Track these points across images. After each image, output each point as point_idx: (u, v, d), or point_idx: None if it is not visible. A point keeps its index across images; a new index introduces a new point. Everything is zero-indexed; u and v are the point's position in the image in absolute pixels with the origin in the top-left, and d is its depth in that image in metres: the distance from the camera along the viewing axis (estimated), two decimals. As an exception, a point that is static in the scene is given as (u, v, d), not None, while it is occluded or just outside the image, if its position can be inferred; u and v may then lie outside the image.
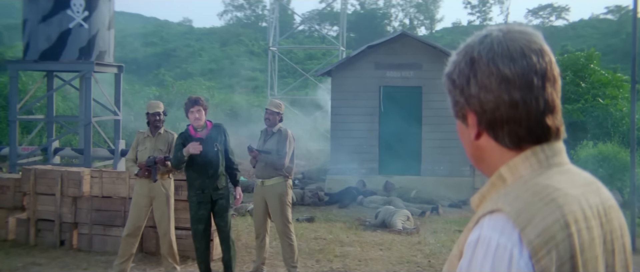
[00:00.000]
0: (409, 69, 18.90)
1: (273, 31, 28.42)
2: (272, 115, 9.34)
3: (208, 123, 8.86)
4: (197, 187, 8.69)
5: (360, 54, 19.40)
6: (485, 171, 1.73)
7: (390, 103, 18.90)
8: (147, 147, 9.32)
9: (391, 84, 18.96)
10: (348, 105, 19.04)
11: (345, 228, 13.57)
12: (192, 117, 8.70)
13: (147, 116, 9.48)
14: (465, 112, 1.69)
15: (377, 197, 16.72)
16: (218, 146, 8.70)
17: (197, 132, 8.70)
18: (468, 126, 1.70)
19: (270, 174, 9.17)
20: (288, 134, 9.33)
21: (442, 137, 18.21)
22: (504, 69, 1.61)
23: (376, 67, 19.06)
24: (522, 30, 1.67)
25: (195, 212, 8.75)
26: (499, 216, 1.55)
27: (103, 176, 10.85)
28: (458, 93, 1.69)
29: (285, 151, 9.17)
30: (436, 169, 18.68)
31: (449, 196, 17.52)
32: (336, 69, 19.41)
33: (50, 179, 11.03)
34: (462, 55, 1.68)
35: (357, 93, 18.99)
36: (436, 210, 15.72)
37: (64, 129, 23.79)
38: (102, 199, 10.79)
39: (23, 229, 11.27)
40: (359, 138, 19.00)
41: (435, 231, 13.31)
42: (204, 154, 8.51)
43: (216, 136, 8.76)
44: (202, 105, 8.76)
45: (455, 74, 1.69)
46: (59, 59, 18.56)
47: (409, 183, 18.07)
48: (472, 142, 1.71)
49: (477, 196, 1.71)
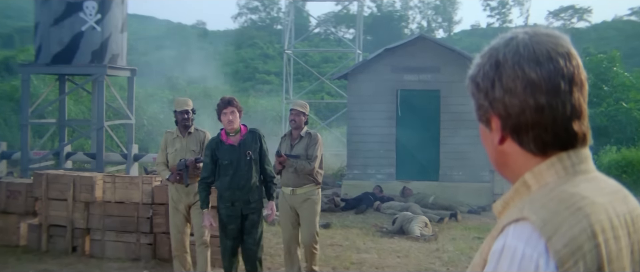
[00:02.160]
0: (426, 73, 18.85)
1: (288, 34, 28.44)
2: (298, 116, 8.91)
3: (242, 127, 8.24)
4: (227, 199, 8.11)
5: (377, 57, 19.38)
6: (509, 177, 1.71)
7: (408, 107, 18.86)
8: (177, 149, 8.95)
9: (409, 87, 18.92)
10: (365, 109, 19.02)
11: (361, 234, 13.55)
12: (225, 120, 8.07)
13: (175, 115, 9.08)
14: (489, 116, 1.68)
15: (394, 203, 16.68)
16: (251, 154, 8.10)
17: (229, 138, 8.12)
18: (492, 130, 1.69)
19: (301, 182, 8.78)
20: (318, 138, 8.93)
21: (461, 142, 18.15)
22: (530, 73, 1.60)
23: (393, 71, 19.02)
24: (549, 33, 1.65)
25: (224, 226, 8.17)
26: (524, 225, 1.53)
27: (116, 181, 10.88)
28: (482, 96, 1.67)
29: (316, 154, 8.79)
30: (455, 174, 18.62)
31: (468, 202, 17.46)
32: (353, 72, 19.39)
33: (62, 184, 11.07)
34: (486, 57, 1.67)
35: (373, 97, 18.97)
36: (455, 216, 15.66)
37: (76, 133, 23.90)
38: (114, 205, 10.81)
39: (35, 234, 11.31)
40: (376, 143, 18.97)
41: (454, 238, 13.26)
42: (236, 162, 8.02)
43: (250, 143, 8.14)
44: (236, 106, 8.14)
45: (479, 76, 1.68)
46: (71, 63, 18.65)
47: (427, 189, 18.02)
48: (495, 147, 1.70)
49: (500, 202, 1.70)
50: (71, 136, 23.60)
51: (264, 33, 72.30)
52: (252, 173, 8.11)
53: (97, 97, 19.04)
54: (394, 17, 78.33)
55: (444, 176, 18.70)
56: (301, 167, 8.70)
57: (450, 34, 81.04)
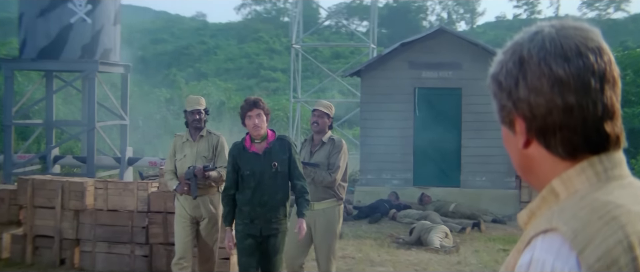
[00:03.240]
0: (447, 69, 18.84)
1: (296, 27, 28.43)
2: (321, 119, 8.48)
3: (270, 133, 7.71)
4: (246, 215, 7.60)
5: (393, 52, 19.37)
6: (535, 184, 1.71)
7: (427, 106, 18.84)
8: (187, 155, 8.63)
9: (427, 85, 18.90)
10: (379, 109, 19.01)
11: (376, 246, 13.55)
12: (250, 124, 7.52)
13: (185, 115, 8.77)
14: (513, 117, 1.67)
15: (411, 212, 16.67)
16: (277, 166, 7.54)
17: (254, 145, 7.60)
18: (515, 133, 1.68)
19: (321, 195, 8.32)
20: (342, 145, 8.48)
21: (484, 145, 18.12)
22: (557, 70, 1.59)
23: (411, 67, 19.01)
24: (578, 26, 1.65)
25: (241, 241, 7.66)
26: (553, 237, 1.52)
27: (108, 187, 10.89)
28: (505, 96, 1.67)
29: (339, 164, 8.34)
30: (477, 180, 18.59)
31: (492, 211, 17.44)
32: (366, 68, 19.38)
33: (49, 190, 11.09)
34: (509, 54, 1.67)
35: (389, 95, 18.96)
36: (478, 226, 15.64)
37: (64, 135, 23.97)
38: (107, 213, 10.83)
39: (19, 246, 11.34)
40: (392, 145, 18.96)
41: (477, 250, 13.25)
42: (259, 174, 7.51)
43: (278, 152, 7.59)
44: (263, 108, 7.59)
45: (501, 75, 1.67)
46: (59, 58, 18.71)
47: (447, 195, 18.00)
48: (520, 151, 1.69)
49: (526, 212, 1.70)
50: (59, 138, 23.67)
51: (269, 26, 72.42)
52: (278, 188, 7.57)
53: (87, 95, 19.10)
54: (412, 8, 78.33)
55: (465, 181, 18.68)
56: (320, 178, 8.27)
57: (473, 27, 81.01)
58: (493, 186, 18.45)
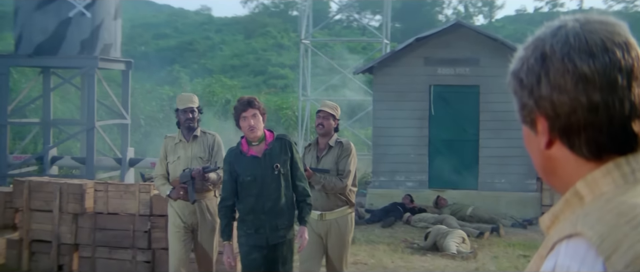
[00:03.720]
0: (464, 65, 18.82)
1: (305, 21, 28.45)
2: (327, 120, 8.25)
3: (268, 134, 7.42)
4: (249, 225, 7.28)
5: (407, 47, 19.36)
6: (558, 186, 1.70)
7: (443, 105, 18.84)
8: (180, 157, 8.41)
9: (443, 82, 18.89)
10: (393, 107, 19.00)
11: (389, 251, 13.55)
12: (245, 126, 7.21)
13: (177, 114, 8.59)
14: (535, 116, 1.66)
15: (427, 215, 16.67)
16: (280, 168, 7.27)
17: (251, 148, 7.30)
18: (537, 133, 1.67)
19: (333, 204, 8.16)
20: (351, 148, 8.28)
21: (504, 145, 18.10)
22: (581, 66, 1.58)
23: (426, 63, 19.00)
24: (603, 20, 1.64)
25: (246, 256, 7.35)
26: (578, 242, 1.52)
27: (109, 189, 10.91)
28: (526, 94, 1.66)
29: (349, 169, 8.15)
30: (496, 182, 18.57)
31: (511, 214, 17.42)
32: (379, 65, 19.38)
33: (46, 192, 11.11)
34: (531, 50, 1.66)
35: (403, 93, 18.95)
36: (497, 231, 15.63)
37: (62, 134, 24.04)
38: (107, 217, 10.85)
39: (14, 251, 11.36)
40: (406, 146, 18.96)
41: (496, 256, 13.23)
42: (261, 178, 7.21)
43: (279, 153, 7.31)
44: (259, 108, 7.28)
45: (523, 72, 1.67)
46: (57, 54, 18.76)
47: (464, 198, 17.99)
48: (542, 152, 1.68)
49: (549, 216, 1.69)
50: (57, 138, 23.73)
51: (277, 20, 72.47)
52: (282, 191, 7.27)
53: (87, 93, 19.15)
54: (427, 1, 78.29)
55: (484, 184, 18.65)
56: (331, 184, 8.05)
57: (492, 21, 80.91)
58: (513, 189, 18.42)
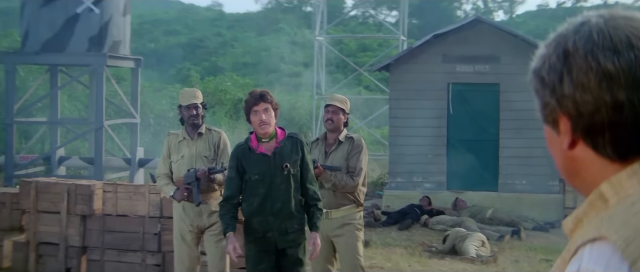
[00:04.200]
0: (484, 63, 18.79)
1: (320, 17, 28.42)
2: (336, 115, 8.08)
3: (279, 131, 7.22)
4: (256, 228, 7.06)
5: (425, 44, 19.34)
6: (581, 188, 1.70)
7: (461, 103, 18.81)
8: (184, 156, 8.21)
9: (462, 80, 18.86)
10: (410, 106, 18.99)
11: (406, 255, 13.54)
12: (256, 120, 7.02)
13: (180, 111, 8.37)
14: (557, 116, 1.66)
15: (445, 218, 16.65)
16: (290, 168, 7.05)
17: (261, 144, 7.10)
18: (560, 133, 1.67)
19: (339, 202, 7.93)
20: (361, 145, 8.09)
21: (525, 145, 18.06)
22: (605, 64, 1.57)
23: (444, 61, 18.98)
24: (628, 16, 1.63)
25: (254, 265, 7.14)
26: (603, 246, 1.51)
27: (118, 190, 10.91)
28: (548, 93, 1.66)
29: (360, 166, 7.95)
30: (517, 183, 18.53)
31: (533, 217, 17.37)
32: (396, 62, 19.37)
33: (54, 194, 11.12)
34: (553, 47, 1.66)
35: (420, 91, 18.93)
36: (517, 234, 15.59)
37: (70, 134, 24.09)
38: (116, 218, 10.85)
39: (21, 254, 11.38)
40: (423, 146, 18.94)
41: (517, 260, 13.20)
42: (269, 178, 7.01)
43: (289, 152, 7.10)
44: (271, 102, 7.09)
45: (544, 70, 1.66)
46: (65, 51, 18.80)
47: (483, 200, 17.96)
48: (564, 153, 1.68)
49: (572, 218, 1.68)
50: (65, 138, 23.79)
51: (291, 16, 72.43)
52: (291, 193, 7.05)
53: (95, 91, 19.19)
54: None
55: (504, 185, 18.61)
56: (342, 183, 7.85)
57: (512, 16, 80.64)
58: (534, 190, 18.37)
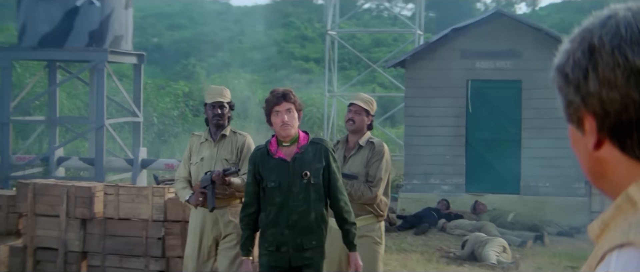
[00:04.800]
0: (505, 58, 18.76)
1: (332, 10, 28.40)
2: (359, 115, 7.68)
3: (302, 135, 6.80)
4: (270, 240, 6.67)
5: (443, 39, 19.33)
6: (607, 191, 1.69)
7: (481, 101, 18.79)
8: (204, 158, 7.95)
9: (482, 77, 18.84)
10: (427, 104, 18.98)
11: (423, 261, 13.54)
12: (278, 122, 6.62)
13: (205, 110, 8.14)
14: (582, 115, 1.65)
15: (464, 222, 16.64)
16: (309, 176, 6.60)
17: (281, 149, 6.71)
18: (585, 133, 1.66)
19: (356, 211, 7.17)
20: (384, 152, 7.64)
21: (548, 145, 18.02)
22: (633, 59, 1.57)
23: (463, 56, 18.97)
24: (658, 9, 1.63)
25: None
26: (631, 252, 1.51)
27: (119, 192, 10.92)
28: (572, 91, 1.65)
29: (380, 175, 7.50)
30: (540, 186, 18.50)
31: (557, 221, 17.34)
32: (412, 58, 19.36)
33: (52, 196, 11.14)
34: (577, 42, 1.65)
35: (438, 89, 18.92)
36: (541, 239, 15.58)
37: (69, 133, 24.15)
38: (118, 222, 10.86)
39: (18, 259, 11.40)
40: (441, 146, 18.92)
41: (540, 267, 13.19)
42: (287, 186, 6.61)
43: (312, 159, 6.66)
44: (294, 102, 6.71)
45: (568, 66, 1.66)
46: (64, 46, 18.82)
47: (505, 204, 17.92)
48: (589, 154, 1.67)
49: (598, 223, 1.68)
50: (64, 138, 23.84)
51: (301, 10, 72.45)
52: (310, 204, 6.60)
53: (95, 89, 19.21)
54: (464, -12, 78.00)
55: (526, 188, 18.58)
56: (358, 193, 7.42)
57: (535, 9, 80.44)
58: (559, 193, 18.34)
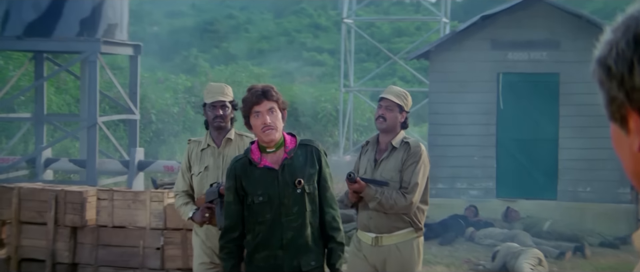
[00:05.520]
0: (540, 49, 18.73)
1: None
2: (391, 112, 7.21)
3: (288, 138, 6.28)
4: (261, 265, 6.22)
5: (471, 27, 19.31)
6: (654, 196, 1.70)
7: (514, 97, 18.76)
8: (209, 167, 7.53)
9: (515, 69, 18.81)
10: (453, 100, 18.96)
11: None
12: (258, 124, 6.08)
13: (205, 110, 7.69)
14: (626, 112, 1.66)
15: (494, 230, 16.63)
16: (304, 185, 6.13)
17: (265, 156, 6.20)
18: (629, 132, 1.67)
19: (392, 224, 7.05)
20: (421, 153, 7.18)
21: (589, 146, 17.98)
22: (684, 51, 1.58)
23: (493, 47, 18.94)
24: None
25: None
26: None
27: (114, 197, 10.93)
28: (615, 86, 1.66)
29: (416, 180, 7.03)
30: (580, 191, 18.45)
31: (599, 231, 17.27)
32: (437, 49, 19.35)
33: (39, 202, 11.16)
34: (621, 32, 1.65)
35: (466, 83, 18.90)
36: (581, 250, 15.53)
37: (58, 132, 24.19)
38: (112, 230, 10.88)
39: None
40: (469, 146, 18.91)
41: (580, 281, 13.18)
42: (278, 199, 6.10)
43: (303, 164, 6.19)
44: (277, 101, 6.15)
45: (611, 58, 1.66)
46: (52, 35, 18.83)
47: (540, 211, 17.89)
48: (634, 155, 1.67)
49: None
50: (52, 137, 23.90)
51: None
52: (307, 218, 6.15)
53: (87, 83, 19.24)
54: (495, -29, 77.77)
55: (564, 193, 18.55)
56: (390, 201, 6.96)
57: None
58: (600, 199, 18.28)
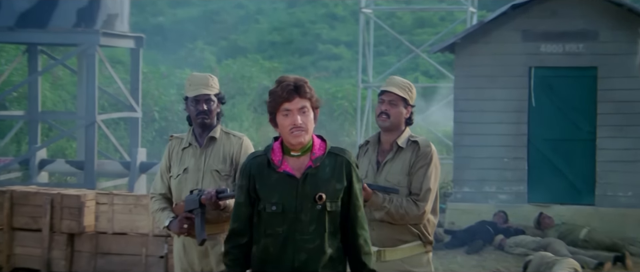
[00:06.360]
0: (576, 41, 18.66)
1: (366, -16, 28.40)
2: (394, 107, 6.75)
3: (317, 142, 5.57)
4: None
5: (501, 17, 19.24)
6: None
7: (547, 93, 18.71)
8: (189, 169, 7.09)
9: (548, 63, 18.75)
10: (481, 96, 18.92)
11: (477, 285, 13.53)
12: (287, 124, 5.40)
13: (186, 105, 7.14)
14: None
15: (526, 238, 16.59)
16: (326, 201, 5.45)
17: (287, 159, 5.54)
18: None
19: (396, 237, 6.69)
20: (431, 154, 6.74)
21: (630, 146, 17.92)
22: None
23: (525, 39, 18.88)
24: None
25: None
26: None
27: (114, 201, 10.93)
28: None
29: (428, 186, 6.64)
30: (620, 195, 18.38)
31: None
32: (463, 41, 19.30)
33: (34, 206, 11.16)
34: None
35: (494, 78, 18.86)
36: (621, 260, 15.48)
37: (54, 131, 24.23)
38: (112, 237, 10.88)
39: (-6, 280, 11.46)
40: (498, 147, 18.87)
41: (620, 293, 13.15)
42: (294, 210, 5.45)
43: (329, 176, 5.51)
44: (310, 99, 5.47)
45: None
46: (47, 27, 18.85)
47: (576, 217, 17.84)
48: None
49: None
50: (47, 136, 23.93)
51: (330, -17, 72.51)
52: (325, 240, 5.51)
53: (85, 78, 19.26)
54: (526, -42, 77.58)
55: (602, 198, 18.48)
56: (400, 212, 6.57)
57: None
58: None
